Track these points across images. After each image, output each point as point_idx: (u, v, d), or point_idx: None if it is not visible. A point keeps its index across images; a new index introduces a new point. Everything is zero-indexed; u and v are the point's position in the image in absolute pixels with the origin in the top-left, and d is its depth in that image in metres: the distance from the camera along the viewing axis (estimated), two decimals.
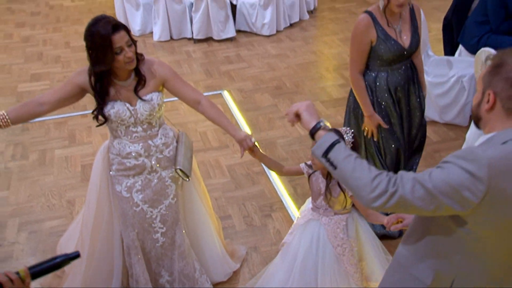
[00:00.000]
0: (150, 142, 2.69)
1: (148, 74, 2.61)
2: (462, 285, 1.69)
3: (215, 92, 5.47)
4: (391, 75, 3.06)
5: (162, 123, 2.76)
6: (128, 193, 2.75)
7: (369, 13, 2.98)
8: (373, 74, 3.07)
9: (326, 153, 1.65)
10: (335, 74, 5.79)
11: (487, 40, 4.60)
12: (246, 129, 4.76)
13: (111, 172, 2.76)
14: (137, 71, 2.58)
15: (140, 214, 2.77)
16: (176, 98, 2.79)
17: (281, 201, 3.85)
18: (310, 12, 7.63)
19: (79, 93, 2.60)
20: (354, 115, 3.23)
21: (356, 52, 3.02)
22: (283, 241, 2.92)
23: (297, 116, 1.84)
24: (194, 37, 6.80)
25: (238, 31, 6.99)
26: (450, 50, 5.15)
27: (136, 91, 2.58)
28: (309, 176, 2.75)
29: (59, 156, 4.49)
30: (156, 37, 6.92)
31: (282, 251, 2.89)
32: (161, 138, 2.73)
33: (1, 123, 2.45)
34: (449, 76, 4.44)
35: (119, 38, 2.40)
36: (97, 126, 2.65)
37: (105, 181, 2.79)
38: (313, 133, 1.75)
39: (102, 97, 2.55)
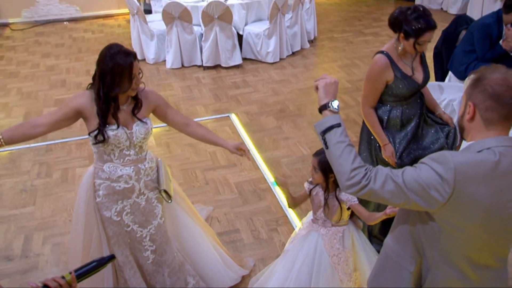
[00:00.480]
0: (140, 165, 2.66)
1: (143, 100, 2.63)
2: (434, 277, 1.71)
3: (223, 115, 5.49)
4: (406, 109, 2.98)
5: (147, 148, 2.75)
6: (119, 217, 2.68)
7: (386, 54, 2.86)
8: (387, 108, 2.98)
9: (324, 132, 1.70)
10: None
11: (474, 67, 4.62)
12: (252, 148, 4.78)
13: (97, 199, 2.65)
14: (135, 96, 2.58)
15: (131, 233, 2.73)
16: None
17: (286, 216, 3.84)
18: (311, 41, 7.70)
19: (74, 117, 2.54)
20: (368, 147, 3.15)
21: (370, 89, 2.92)
22: (284, 249, 2.94)
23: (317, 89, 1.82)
24: (204, 64, 6.86)
25: (244, 59, 7.04)
26: (440, 76, 5.17)
27: (134, 113, 2.58)
28: (310, 190, 2.79)
29: (80, 174, 4.50)
30: (168, 65, 6.98)
31: (283, 254, 2.92)
32: (148, 162, 2.71)
33: None
34: (441, 100, 4.44)
35: (136, 67, 2.45)
36: (93, 144, 2.55)
37: (92, 207, 2.68)
38: (321, 110, 1.76)
39: (105, 118, 2.50)
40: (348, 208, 2.72)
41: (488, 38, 4.60)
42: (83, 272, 1.65)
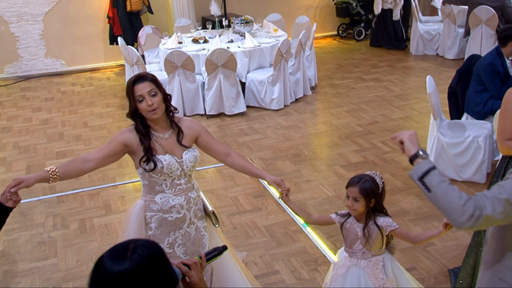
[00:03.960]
0: (189, 194, 2.86)
1: (184, 129, 2.83)
2: None
3: None
4: None
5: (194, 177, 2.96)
6: (171, 249, 2.87)
7: None
8: None
9: (422, 177, 1.87)
10: (347, 141, 6.10)
11: (492, 106, 4.97)
12: (275, 192, 4.96)
13: (149, 232, 2.84)
14: (173, 124, 2.81)
15: None
16: (201, 168, 2.99)
17: (324, 256, 3.98)
18: (312, 88, 8.07)
19: (122, 151, 2.78)
20: None
21: (504, 122, 2.99)
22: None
23: (401, 143, 2.04)
24: (207, 113, 7.12)
25: (247, 106, 7.32)
26: (456, 116, 5.46)
27: (179, 141, 2.79)
28: (342, 224, 2.90)
29: (99, 224, 4.59)
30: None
31: None
32: (196, 191, 2.92)
33: (51, 177, 2.58)
34: (465, 137, 4.73)
35: (140, 88, 2.67)
36: (147, 171, 2.74)
37: None
38: (412, 159, 1.96)
39: (149, 148, 2.73)
40: (386, 235, 2.85)
41: (496, 76, 4.99)
42: (210, 257, 1.94)
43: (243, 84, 7.32)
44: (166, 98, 2.75)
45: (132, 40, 9.16)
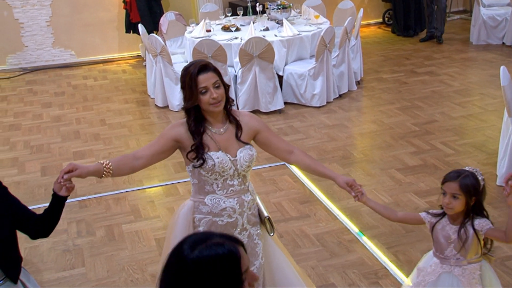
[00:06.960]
0: (243, 197, 2.96)
1: (242, 124, 2.94)
2: None
3: (278, 164, 5.80)
4: None
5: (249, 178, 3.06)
6: None
7: None
8: None
9: None
10: (402, 142, 6.20)
11: None
12: (324, 198, 5.09)
13: None
14: (230, 117, 2.92)
15: None
16: None
17: (386, 268, 4.09)
18: (357, 83, 8.19)
19: (172, 147, 2.93)
20: None
21: None
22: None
23: None
24: (240, 109, 7.26)
25: (285, 103, 7.46)
26: None
27: (238, 137, 2.89)
28: (433, 226, 2.96)
29: (128, 231, 4.77)
30: None
31: None
32: (251, 194, 3.02)
33: (105, 172, 2.74)
34: None
35: (205, 79, 2.77)
36: (196, 167, 2.86)
37: None
38: None
39: (201, 145, 2.84)
40: (484, 239, 2.89)
41: None
42: None
43: (280, 78, 7.47)
44: (227, 90, 2.88)
45: (151, 28, 9.35)
